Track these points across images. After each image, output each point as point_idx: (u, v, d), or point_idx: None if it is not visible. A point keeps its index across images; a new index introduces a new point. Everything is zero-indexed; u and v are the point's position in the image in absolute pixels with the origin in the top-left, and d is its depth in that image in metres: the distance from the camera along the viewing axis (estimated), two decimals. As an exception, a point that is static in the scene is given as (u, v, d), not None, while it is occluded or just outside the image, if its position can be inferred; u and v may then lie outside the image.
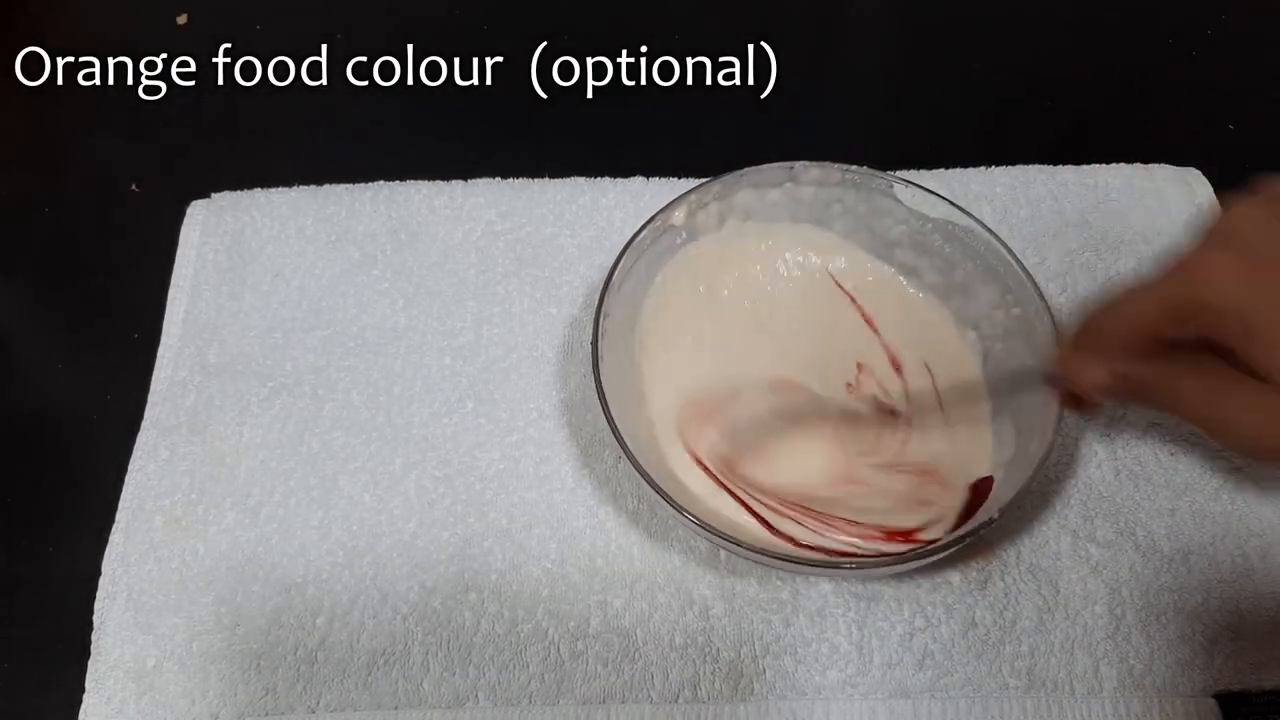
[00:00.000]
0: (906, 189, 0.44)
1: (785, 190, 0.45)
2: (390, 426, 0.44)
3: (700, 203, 0.45)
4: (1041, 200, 0.50)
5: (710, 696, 0.38)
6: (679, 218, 0.44)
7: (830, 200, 0.45)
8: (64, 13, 0.62)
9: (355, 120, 0.57)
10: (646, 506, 0.42)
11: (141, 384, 0.46)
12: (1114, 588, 0.40)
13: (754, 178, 0.45)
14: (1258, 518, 0.41)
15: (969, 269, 0.43)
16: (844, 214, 0.46)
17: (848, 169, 0.44)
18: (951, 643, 0.39)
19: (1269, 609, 0.39)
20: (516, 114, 0.57)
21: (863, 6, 0.63)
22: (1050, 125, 0.56)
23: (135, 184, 0.54)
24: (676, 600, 0.40)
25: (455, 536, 0.41)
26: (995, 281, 0.42)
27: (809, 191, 0.45)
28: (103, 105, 0.57)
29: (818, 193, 0.45)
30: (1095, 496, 0.42)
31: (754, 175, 0.45)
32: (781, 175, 0.45)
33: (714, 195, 0.45)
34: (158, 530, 0.41)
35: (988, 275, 0.43)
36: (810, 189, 0.45)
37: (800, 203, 0.46)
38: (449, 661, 0.39)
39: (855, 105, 0.58)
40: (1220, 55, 0.59)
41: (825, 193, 0.45)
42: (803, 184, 0.45)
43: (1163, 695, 0.38)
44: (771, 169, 0.45)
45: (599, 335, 0.40)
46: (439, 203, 0.50)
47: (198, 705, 0.38)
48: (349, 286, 0.48)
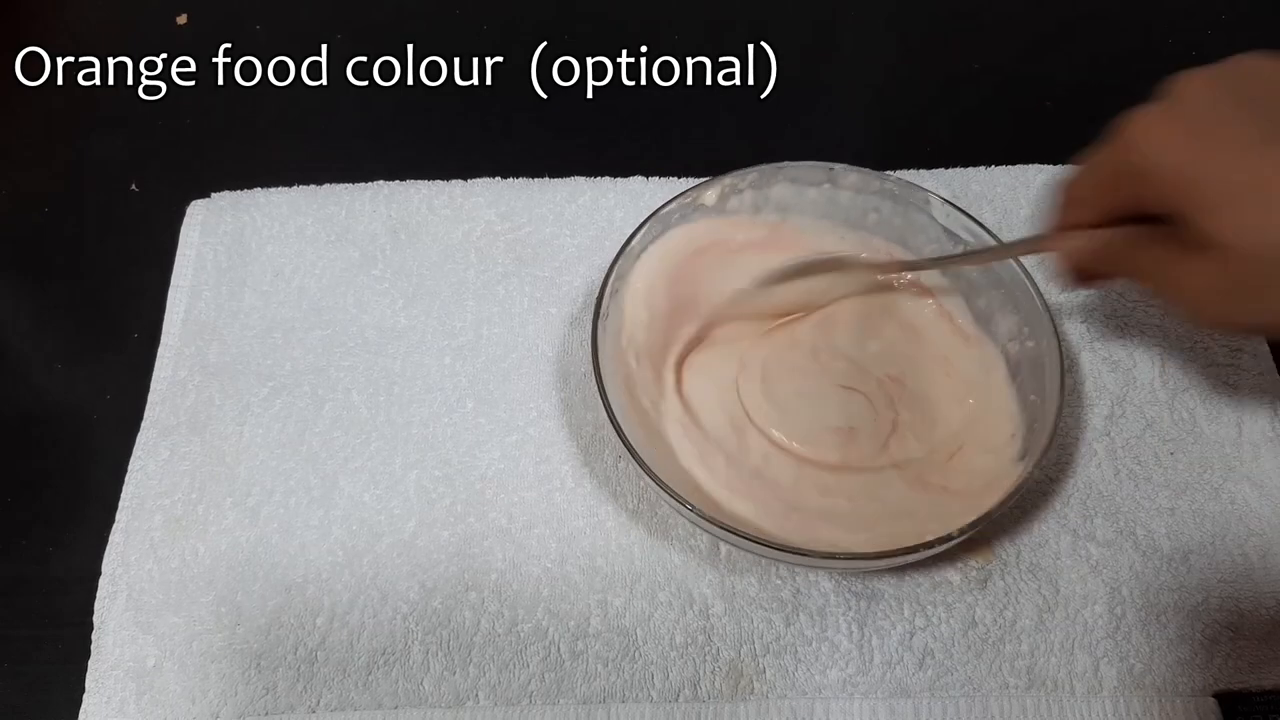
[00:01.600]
0: (943, 207, 0.44)
1: (824, 190, 0.45)
2: (390, 426, 0.44)
3: (735, 187, 0.45)
4: (1042, 200, 0.50)
5: (710, 695, 0.38)
6: (710, 198, 0.45)
7: (867, 208, 0.46)
8: (64, 12, 0.62)
9: (355, 120, 0.57)
10: (647, 505, 0.42)
11: (141, 384, 0.46)
12: (1114, 587, 0.40)
13: (792, 172, 0.45)
14: (1258, 518, 0.41)
15: (992, 296, 0.43)
16: (880, 224, 0.46)
17: (886, 177, 0.44)
18: (952, 642, 0.39)
19: (1269, 609, 0.39)
20: (516, 114, 0.57)
21: (863, 6, 0.63)
22: (1050, 125, 0.56)
23: (135, 184, 0.54)
24: (677, 599, 0.40)
25: (455, 536, 0.41)
26: (1016, 313, 0.42)
27: (846, 196, 0.45)
28: (103, 105, 0.57)
29: (855, 198, 0.45)
30: (1095, 496, 0.42)
31: (793, 170, 0.45)
32: (820, 175, 0.45)
33: (750, 183, 0.45)
34: (158, 530, 0.41)
35: (1009, 305, 0.43)
36: (848, 194, 0.45)
37: (837, 205, 0.46)
38: (449, 661, 0.39)
39: (855, 105, 0.59)
40: (1220, 55, 0.59)
41: (863, 199, 0.45)
42: (841, 187, 0.45)
43: (1163, 694, 0.38)
44: (811, 166, 0.45)
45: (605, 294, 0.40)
46: (439, 203, 0.50)
47: (198, 705, 0.38)
48: (349, 286, 0.48)
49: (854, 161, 0.45)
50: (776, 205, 0.46)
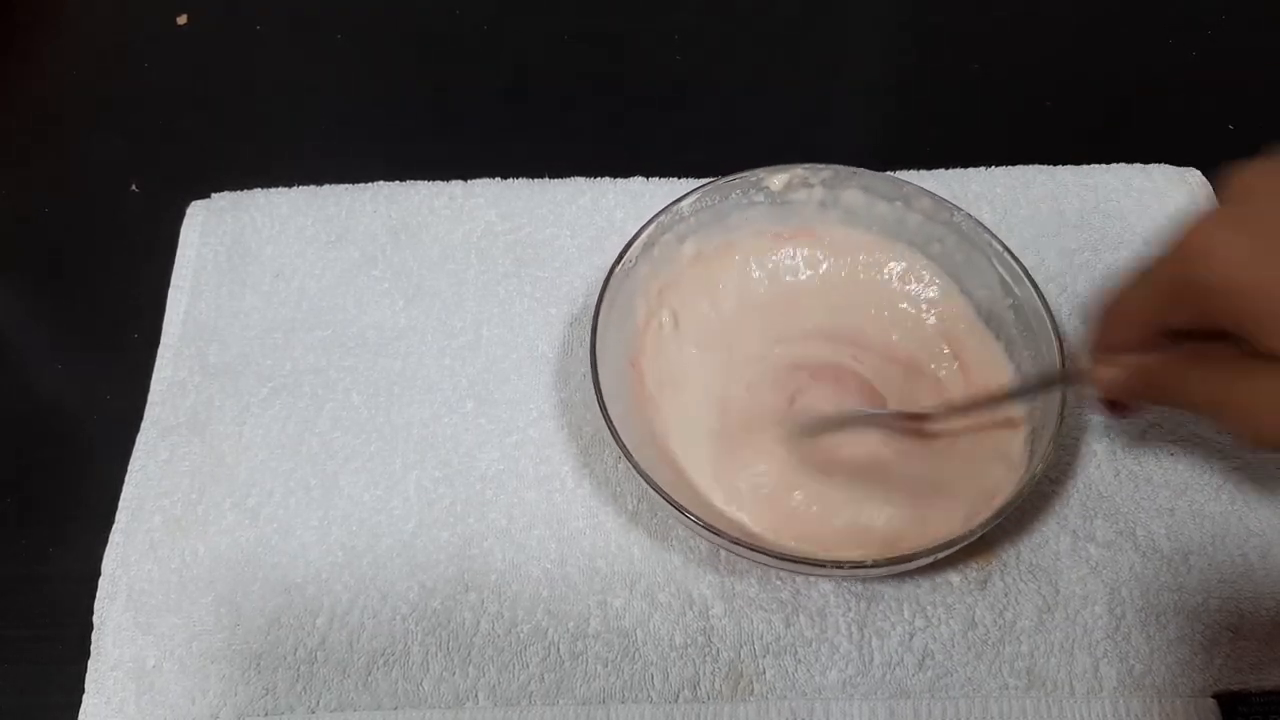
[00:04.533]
0: (1004, 255, 0.42)
1: (895, 208, 0.45)
2: (390, 426, 0.44)
3: (806, 180, 0.45)
4: (1041, 200, 0.50)
5: (710, 696, 0.38)
6: (776, 184, 0.45)
7: (933, 236, 0.45)
8: (63, 13, 0.62)
9: (355, 120, 0.57)
10: (646, 506, 0.42)
11: (141, 384, 0.46)
12: (1114, 587, 0.40)
13: (866, 180, 0.45)
14: (1258, 518, 0.41)
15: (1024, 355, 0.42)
16: (943, 255, 0.45)
17: (956, 209, 0.44)
18: (951, 643, 0.39)
19: (1269, 609, 0.39)
20: (517, 114, 0.57)
21: (863, 6, 0.63)
22: (1050, 125, 0.56)
23: (135, 184, 0.54)
24: (676, 600, 0.40)
25: (455, 536, 0.41)
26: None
27: (916, 220, 0.45)
28: (103, 105, 0.57)
29: (924, 224, 0.45)
30: (1095, 496, 0.42)
31: (867, 178, 0.45)
32: (893, 190, 0.45)
33: (822, 180, 0.45)
34: (158, 530, 0.41)
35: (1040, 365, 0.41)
36: (918, 218, 0.45)
37: (905, 226, 0.45)
38: (449, 661, 0.39)
39: (856, 105, 0.58)
40: (1220, 55, 0.59)
41: (931, 227, 0.45)
42: (913, 209, 0.45)
43: (1163, 695, 0.38)
44: (885, 179, 0.45)
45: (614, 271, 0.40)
46: (439, 203, 0.50)
47: (198, 705, 0.38)
48: (349, 286, 0.48)
49: (855, 161, 0.45)
50: (845, 209, 0.46)
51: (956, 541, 0.36)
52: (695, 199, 0.44)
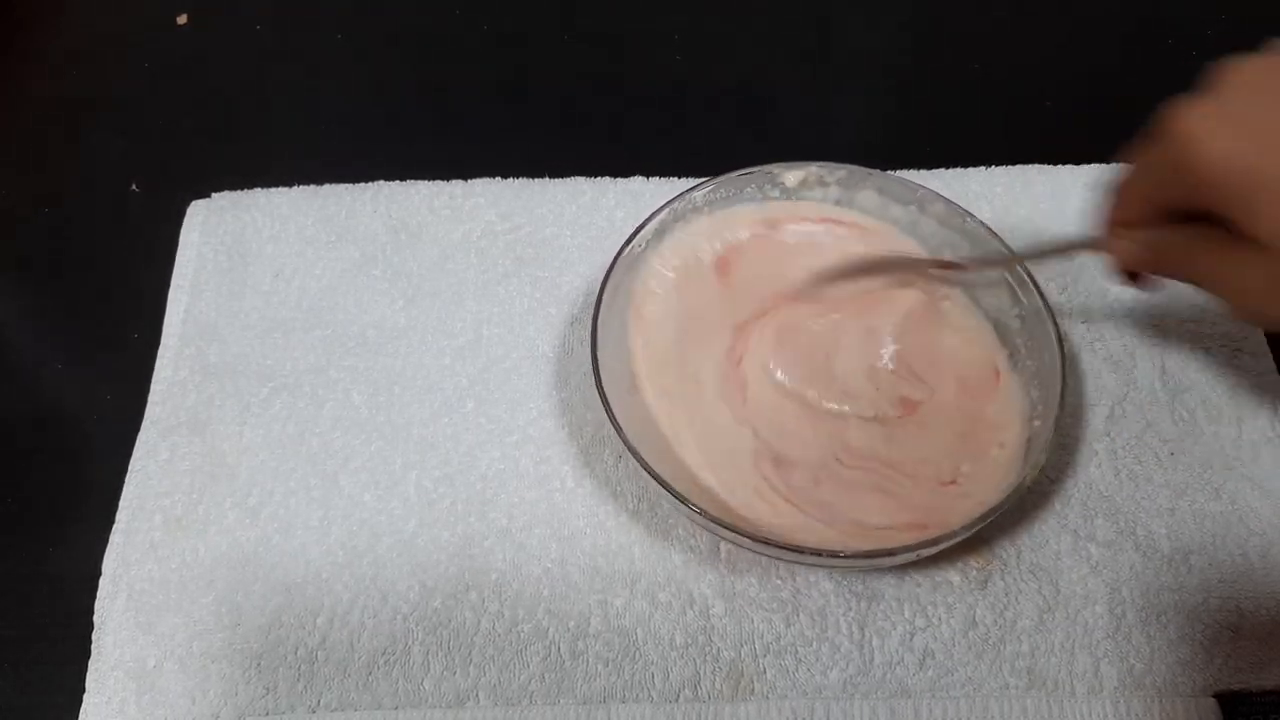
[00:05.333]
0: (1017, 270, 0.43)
1: (909, 211, 0.45)
2: (390, 426, 0.44)
3: (820, 179, 0.45)
4: (1041, 200, 0.50)
5: (711, 696, 0.38)
6: (791, 180, 0.45)
7: (945, 242, 0.45)
8: (64, 13, 0.62)
9: (355, 120, 0.57)
10: (647, 505, 0.42)
11: (141, 384, 0.46)
12: (1114, 587, 0.40)
13: (881, 182, 0.45)
14: (1258, 518, 0.41)
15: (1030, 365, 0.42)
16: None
17: (969, 216, 0.44)
18: (952, 642, 0.39)
19: (1269, 609, 0.39)
20: (517, 114, 0.57)
21: (863, 6, 0.63)
22: (1050, 125, 0.56)
23: (135, 184, 0.54)
24: (677, 599, 0.40)
25: (455, 536, 0.41)
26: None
27: (930, 225, 0.45)
28: (103, 105, 0.57)
29: (938, 229, 0.45)
30: (1095, 496, 0.42)
31: (881, 179, 0.45)
32: (908, 194, 0.45)
33: (838, 180, 0.45)
34: (158, 530, 0.41)
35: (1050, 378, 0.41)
36: (932, 223, 0.45)
37: (919, 229, 0.46)
38: (449, 661, 0.39)
39: (856, 105, 0.58)
40: (1220, 55, 0.59)
41: (944, 233, 0.45)
42: (928, 214, 0.45)
43: (1163, 695, 0.38)
44: (901, 181, 0.45)
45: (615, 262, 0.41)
46: (439, 203, 0.50)
47: (198, 705, 0.38)
48: (349, 286, 0.48)
49: (854, 161, 0.45)
50: (859, 210, 0.46)
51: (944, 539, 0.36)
52: (709, 190, 0.45)
